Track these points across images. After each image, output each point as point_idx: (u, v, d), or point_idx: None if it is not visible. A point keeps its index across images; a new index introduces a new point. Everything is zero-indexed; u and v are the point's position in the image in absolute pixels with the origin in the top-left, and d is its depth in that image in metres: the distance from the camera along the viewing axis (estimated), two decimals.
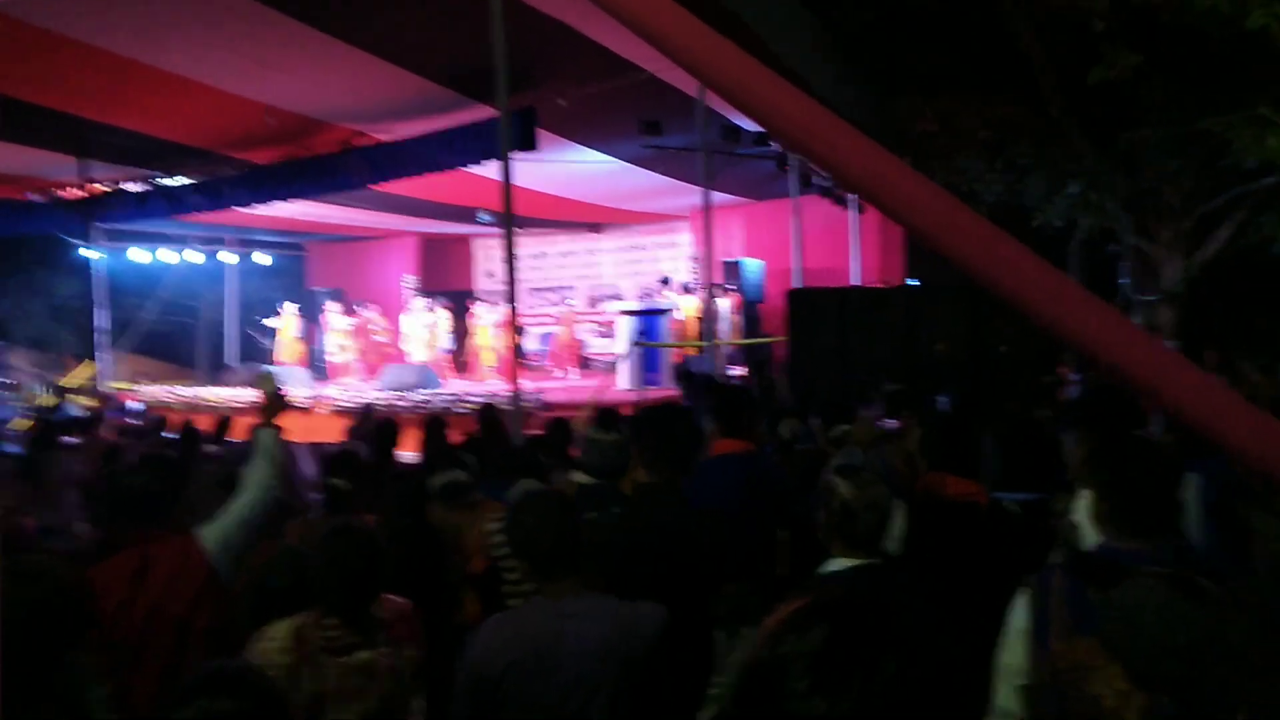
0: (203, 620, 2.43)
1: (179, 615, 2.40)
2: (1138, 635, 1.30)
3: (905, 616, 2.05)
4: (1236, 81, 8.31)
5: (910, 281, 12.59)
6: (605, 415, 3.47)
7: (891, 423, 4.01)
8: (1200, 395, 1.20)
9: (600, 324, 18.43)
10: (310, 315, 17.56)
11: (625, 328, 13.13)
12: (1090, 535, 2.07)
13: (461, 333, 16.34)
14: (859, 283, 13.75)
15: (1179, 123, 8.96)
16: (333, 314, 16.31)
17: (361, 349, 16.17)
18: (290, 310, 16.79)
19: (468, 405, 10.57)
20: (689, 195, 13.17)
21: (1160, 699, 1.26)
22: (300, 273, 20.91)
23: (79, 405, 15.20)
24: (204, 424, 8.04)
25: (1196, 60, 8.47)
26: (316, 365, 16.40)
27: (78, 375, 17.24)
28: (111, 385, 14.59)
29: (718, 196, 14.03)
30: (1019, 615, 2.01)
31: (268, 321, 17.20)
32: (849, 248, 14.09)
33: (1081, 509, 2.07)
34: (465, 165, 10.05)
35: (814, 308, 9.41)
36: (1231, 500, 2.05)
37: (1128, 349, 1.24)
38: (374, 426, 5.59)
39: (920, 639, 1.94)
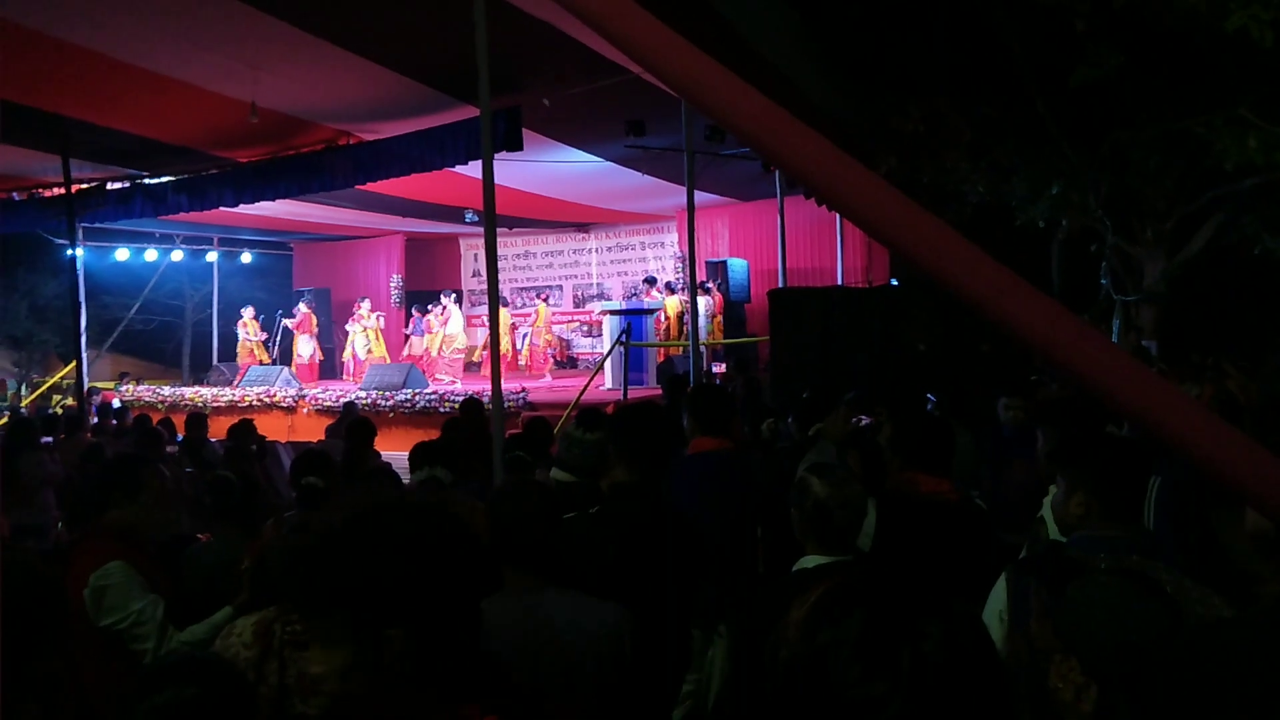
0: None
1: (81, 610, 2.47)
2: (1090, 631, 1.32)
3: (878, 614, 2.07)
4: (1217, 83, 8.36)
5: (893, 281, 12.64)
6: (586, 414, 3.47)
7: (865, 419, 4.05)
8: (1153, 397, 1.19)
9: (585, 323, 18.44)
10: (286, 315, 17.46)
11: (610, 327, 13.14)
12: (1052, 529, 2.08)
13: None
14: (843, 282, 13.79)
15: (1161, 123, 9.02)
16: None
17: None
18: (249, 314, 16.55)
19: (451, 404, 10.56)
20: (675, 195, 13.18)
21: (1115, 693, 1.28)
22: (287, 272, 20.83)
23: (60, 405, 15.14)
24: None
25: (1178, 61, 8.52)
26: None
27: (59, 375, 17.15)
28: (94, 385, 14.50)
29: (704, 197, 14.06)
30: (997, 597, 2.00)
31: (237, 326, 17.05)
32: (835, 247, 14.13)
33: (1047, 503, 2.09)
34: (450, 165, 10.03)
35: (796, 307, 9.40)
36: (1188, 503, 2.06)
37: (1077, 350, 1.23)
38: (349, 424, 5.57)
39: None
